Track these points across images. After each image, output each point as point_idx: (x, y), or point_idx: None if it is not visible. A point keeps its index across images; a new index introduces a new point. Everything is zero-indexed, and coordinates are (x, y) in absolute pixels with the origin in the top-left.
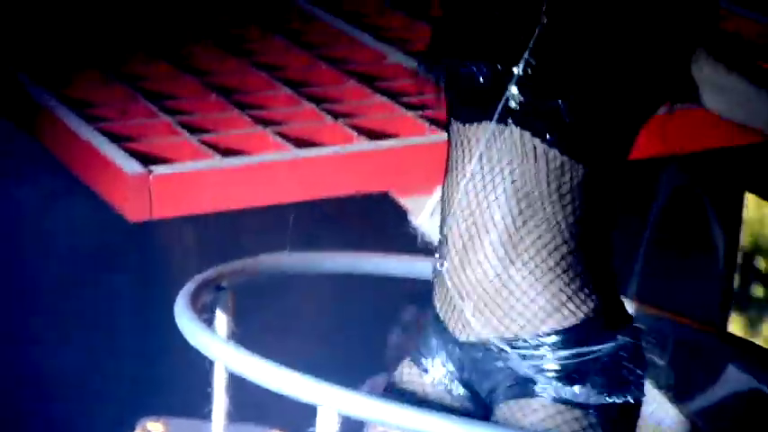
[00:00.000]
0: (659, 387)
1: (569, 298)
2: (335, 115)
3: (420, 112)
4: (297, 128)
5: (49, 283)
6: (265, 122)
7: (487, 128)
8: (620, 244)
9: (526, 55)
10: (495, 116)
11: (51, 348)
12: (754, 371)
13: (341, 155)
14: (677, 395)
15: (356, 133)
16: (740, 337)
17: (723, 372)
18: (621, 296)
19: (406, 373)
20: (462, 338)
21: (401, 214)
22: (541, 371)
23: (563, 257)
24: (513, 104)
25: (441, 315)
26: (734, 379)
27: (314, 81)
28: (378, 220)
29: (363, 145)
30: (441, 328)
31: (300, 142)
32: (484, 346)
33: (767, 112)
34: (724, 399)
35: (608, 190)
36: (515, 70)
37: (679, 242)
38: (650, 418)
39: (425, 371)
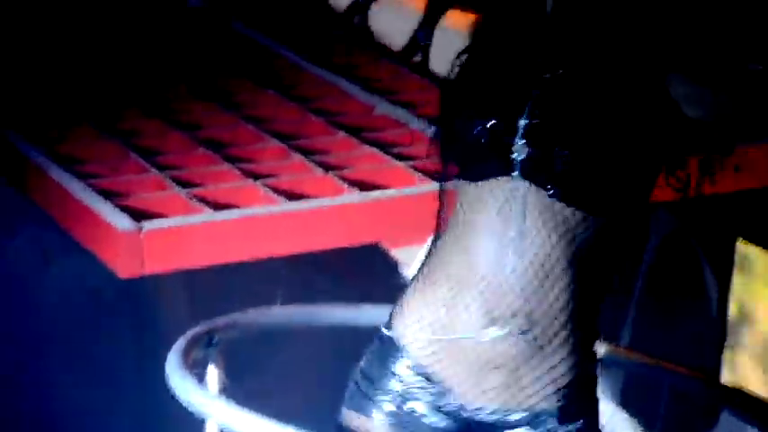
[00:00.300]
0: None
1: (563, 373)
2: (325, 167)
3: (410, 163)
4: (287, 180)
5: (43, 336)
6: (255, 175)
7: (500, 185)
8: (612, 291)
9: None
10: (506, 172)
11: (44, 401)
12: (745, 418)
13: (331, 207)
14: None
15: (346, 185)
16: (731, 387)
17: (716, 419)
18: (616, 344)
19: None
20: (455, 400)
21: (392, 265)
22: None
23: (569, 328)
24: (520, 157)
25: (421, 360)
26: (726, 426)
27: (303, 133)
28: (370, 272)
29: (353, 196)
30: (416, 374)
31: (290, 195)
32: (485, 415)
33: (725, 106)
34: None
35: (622, 245)
36: (521, 122)
37: (671, 289)
38: None
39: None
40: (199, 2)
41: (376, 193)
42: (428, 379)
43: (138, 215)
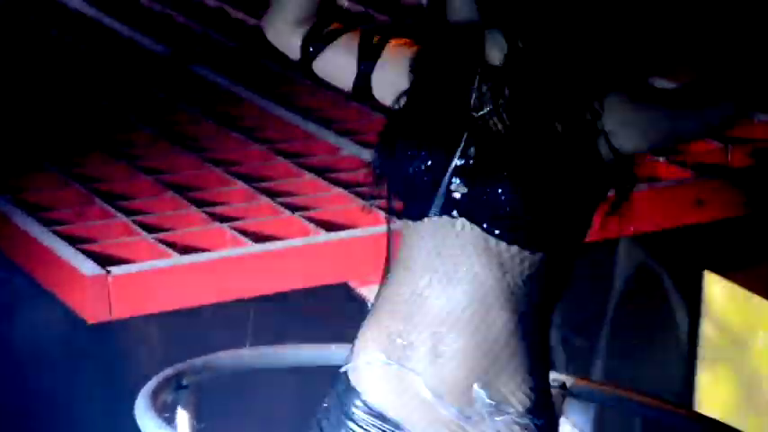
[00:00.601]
0: None
1: (520, 383)
2: (292, 208)
3: (377, 203)
4: (253, 222)
5: (13, 378)
6: (222, 218)
7: (438, 222)
8: (583, 321)
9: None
10: (442, 209)
11: None
12: None
13: (298, 247)
14: None
15: (312, 225)
16: (705, 415)
17: None
18: (587, 377)
19: None
20: (398, 414)
21: (362, 304)
22: None
23: (525, 345)
24: (457, 195)
25: (377, 396)
26: None
27: (269, 175)
28: (340, 312)
29: (320, 237)
30: (367, 405)
31: (257, 237)
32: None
33: (666, 127)
34: None
35: (564, 271)
36: (455, 161)
37: (640, 320)
38: None
39: None
40: (163, 48)
41: (342, 233)
42: (382, 418)
43: (105, 260)
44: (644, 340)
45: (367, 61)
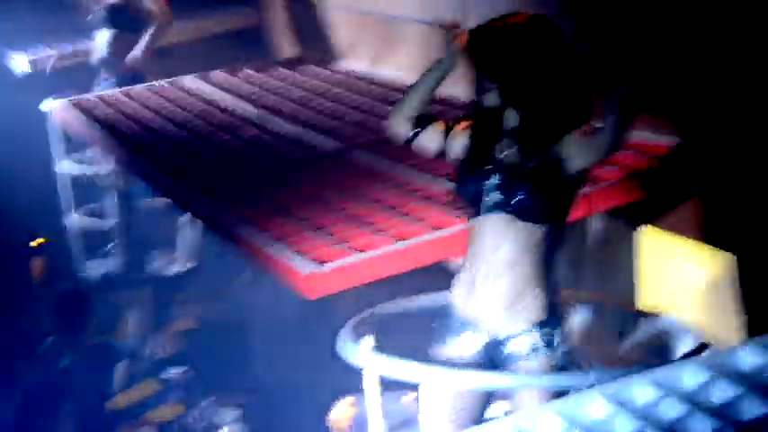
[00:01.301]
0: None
1: (545, 305)
2: (414, 219)
3: (458, 212)
4: (394, 231)
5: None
6: (377, 230)
7: (487, 217)
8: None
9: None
10: (489, 211)
11: None
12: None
13: (423, 242)
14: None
15: (426, 227)
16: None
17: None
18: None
19: (442, 349)
20: (482, 327)
21: (449, 270)
22: (529, 345)
23: (543, 282)
24: (496, 200)
25: (466, 315)
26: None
27: (401, 203)
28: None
29: (433, 234)
30: (465, 322)
31: (397, 237)
32: (496, 332)
33: (593, 153)
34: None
35: (557, 239)
36: (492, 183)
37: (605, 260)
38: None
39: (453, 346)
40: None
41: (444, 231)
42: (465, 319)
43: (319, 261)
44: (609, 270)
45: (445, 137)
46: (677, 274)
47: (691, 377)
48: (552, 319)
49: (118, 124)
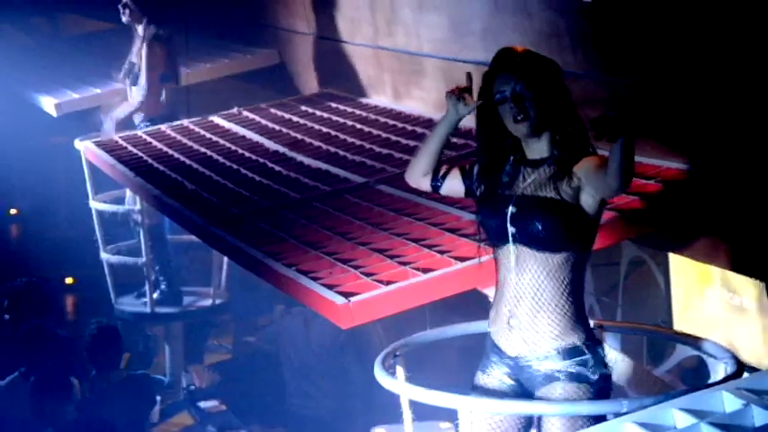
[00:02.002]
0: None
1: (570, 330)
2: (440, 251)
3: (483, 244)
4: (420, 264)
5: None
6: (404, 263)
7: (508, 248)
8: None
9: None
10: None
11: None
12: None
13: (447, 273)
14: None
15: (453, 259)
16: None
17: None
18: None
19: (479, 377)
20: (512, 354)
21: (482, 297)
22: (558, 371)
23: (567, 307)
24: (513, 232)
25: (499, 343)
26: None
27: (428, 236)
28: (466, 303)
29: (459, 265)
30: (498, 350)
31: (424, 269)
32: (526, 358)
33: (617, 169)
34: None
35: (582, 265)
36: (509, 215)
37: (639, 286)
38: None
39: (488, 374)
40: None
41: (469, 262)
42: (506, 354)
43: (347, 294)
44: (642, 295)
45: (467, 180)
46: (710, 300)
47: (727, 402)
48: (586, 344)
49: (145, 163)
